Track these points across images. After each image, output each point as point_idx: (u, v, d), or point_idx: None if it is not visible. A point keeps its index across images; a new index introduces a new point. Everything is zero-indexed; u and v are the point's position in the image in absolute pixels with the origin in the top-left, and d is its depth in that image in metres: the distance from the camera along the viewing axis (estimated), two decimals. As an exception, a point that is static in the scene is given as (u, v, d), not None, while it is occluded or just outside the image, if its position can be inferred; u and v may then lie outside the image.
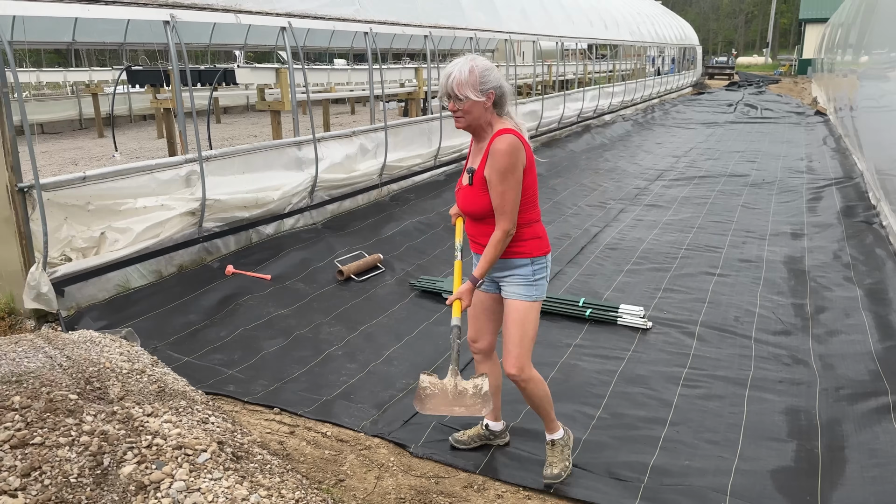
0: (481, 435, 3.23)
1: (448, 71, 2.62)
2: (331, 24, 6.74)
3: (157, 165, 5.03)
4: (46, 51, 21.20)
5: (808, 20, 41.02)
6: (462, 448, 3.21)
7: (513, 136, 2.62)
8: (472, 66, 2.60)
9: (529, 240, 2.76)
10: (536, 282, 2.79)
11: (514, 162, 2.61)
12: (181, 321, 4.57)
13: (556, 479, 2.93)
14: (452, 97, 2.62)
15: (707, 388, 3.77)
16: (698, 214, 7.60)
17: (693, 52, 32.44)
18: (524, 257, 2.76)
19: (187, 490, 1.74)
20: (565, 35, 13.80)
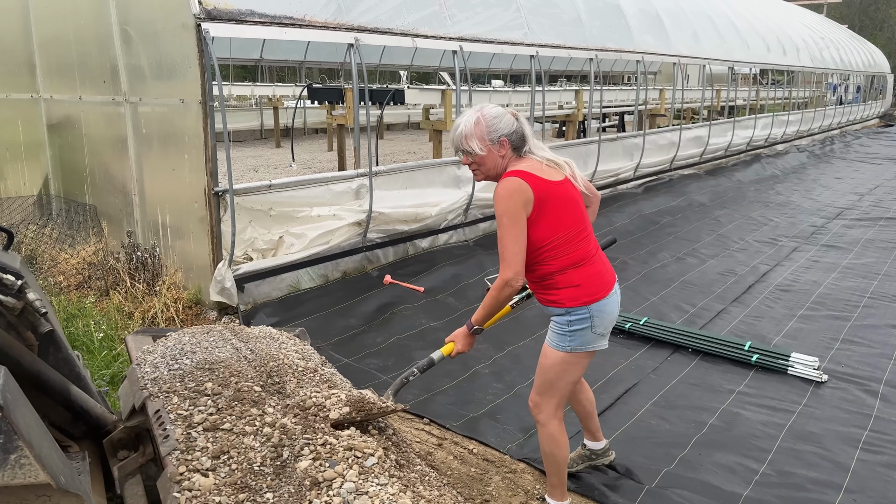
0: (583, 455, 3.17)
1: (455, 125, 2.57)
2: (499, 47, 6.88)
3: (332, 178, 5.39)
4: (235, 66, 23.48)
5: None
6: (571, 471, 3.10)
7: (515, 179, 2.47)
8: (479, 116, 2.53)
9: (564, 289, 2.58)
10: (573, 333, 2.61)
11: (511, 206, 2.45)
12: (342, 324, 4.84)
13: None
14: (462, 151, 2.58)
15: (892, 456, 3.37)
16: (885, 259, 6.85)
17: (882, 80, 29.44)
18: (558, 306, 2.61)
19: (357, 492, 1.82)
20: (738, 59, 13.08)
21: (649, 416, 3.77)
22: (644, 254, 6.96)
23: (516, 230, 2.46)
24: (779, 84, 18.67)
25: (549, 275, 2.58)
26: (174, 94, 4.85)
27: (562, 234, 2.55)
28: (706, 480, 3.14)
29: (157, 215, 5.31)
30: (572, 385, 2.75)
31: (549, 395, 2.70)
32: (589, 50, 8.32)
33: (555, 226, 2.53)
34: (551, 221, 2.52)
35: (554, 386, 2.68)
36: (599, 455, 3.20)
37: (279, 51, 17.24)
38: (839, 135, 20.90)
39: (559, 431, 2.73)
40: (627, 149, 9.93)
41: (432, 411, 3.75)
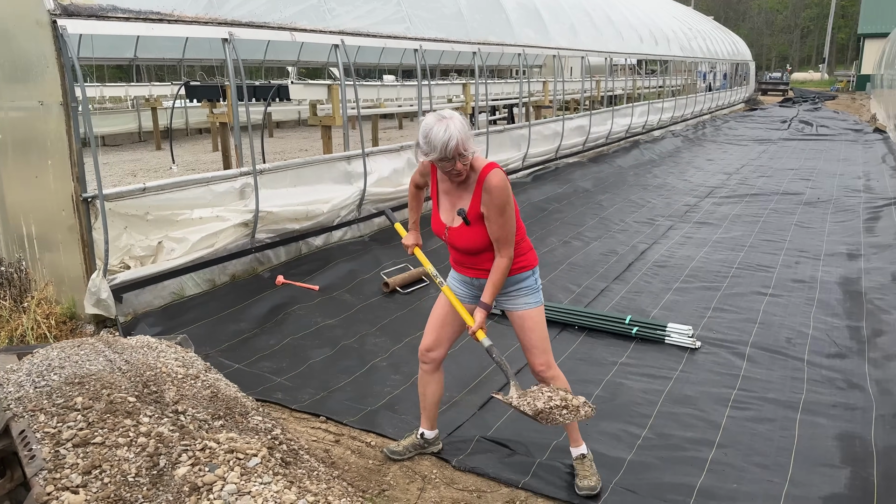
0: (416, 444, 3.28)
1: (446, 137, 2.58)
2: (382, 41, 6.88)
3: (212, 178, 5.21)
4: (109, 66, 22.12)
5: (867, 35, 39.85)
6: (398, 458, 3.22)
7: (500, 171, 2.75)
8: (458, 119, 2.63)
9: (527, 252, 2.94)
10: (538, 287, 2.99)
11: (509, 193, 2.74)
12: (233, 329, 4.70)
13: (594, 491, 2.94)
14: (458, 157, 2.63)
15: (757, 411, 3.68)
16: (750, 233, 7.44)
17: (746, 67, 31.81)
18: (527, 269, 2.93)
19: (238, 493, 1.79)
20: (614, 51, 13.72)
21: (541, 394, 3.91)
22: (534, 240, 7.16)
23: (513, 214, 2.77)
24: (654, 73, 19.77)
25: (517, 244, 2.86)
26: (32, 97, 4.52)
27: (517, 210, 2.87)
28: (593, 448, 3.30)
29: (22, 227, 4.94)
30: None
31: (549, 348, 2.98)
32: (471, 44, 8.47)
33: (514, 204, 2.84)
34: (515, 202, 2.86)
35: (547, 337, 2.98)
36: (431, 443, 3.31)
37: (155, 48, 16.41)
38: (710, 119, 22.40)
39: (562, 374, 3.03)
40: (515, 140, 10.20)
41: (329, 409, 3.73)
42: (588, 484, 2.96)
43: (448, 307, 3.06)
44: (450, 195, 2.87)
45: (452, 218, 2.86)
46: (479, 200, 2.74)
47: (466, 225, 2.80)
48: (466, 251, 2.89)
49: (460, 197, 2.82)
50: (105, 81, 19.83)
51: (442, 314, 3.09)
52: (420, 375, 3.22)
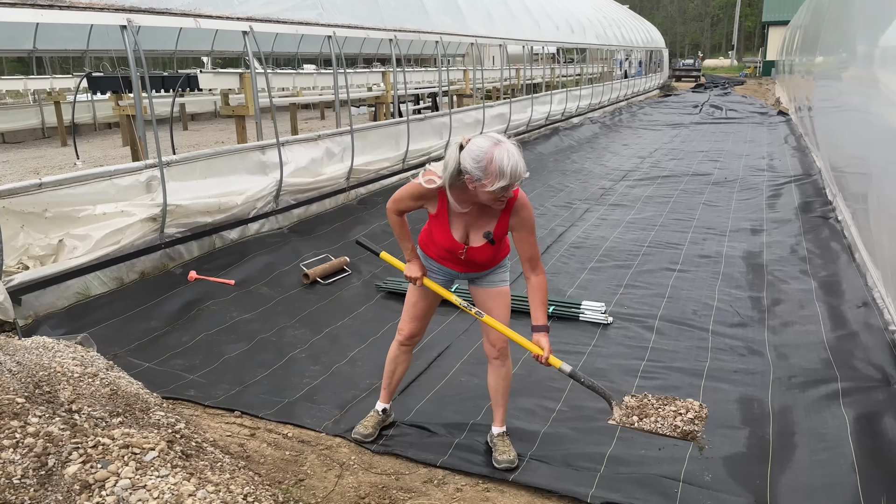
0: (379, 420, 3.33)
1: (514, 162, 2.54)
2: (293, 28, 6.74)
3: (115, 171, 4.99)
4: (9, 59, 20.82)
5: (770, 23, 41.96)
6: (368, 441, 3.27)
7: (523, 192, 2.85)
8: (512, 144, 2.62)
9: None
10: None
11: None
12: (143, 328, 4.53)
13: (512, 464, 3.03)
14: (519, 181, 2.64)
15: (664, 380, 3.84)
16: (661, 213, 7.73)
17: (660, 55, 32.94)
18: (506, 253, 3.07)
19: (133, 487, 1.74)
20: (532, 39, 13.94)
21: (460, 375, 3.97)
22: (455, 226, 7.25)
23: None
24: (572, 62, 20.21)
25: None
26: None
27: None
28: (509, 424, 3.36)
29: None
30: None
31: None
32: (387, 31, 8.42)
33: None
34: None
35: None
36: (390, 415, 3.40)
37: (57, 39, 15.53)
38: (626, 106, 23.10)
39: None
40: (436, 128, 10.22)
41: (244, 403, 3.65)
42: (507, 458, 3.04)
43: (431, 298, 3.13)
44: (464, 216, 2.87)
45: (467, 236, 2.90)
46: (506, 222, 2.84)
47: (491, 244, 2.89)
48: (480, 265, 2.99)
49: (479, 218, 2.86)
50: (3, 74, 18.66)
51: (425, 305, 3.16)
52: (395, 356, 3.27)
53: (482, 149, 2.55)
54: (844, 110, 7.06)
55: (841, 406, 3.46)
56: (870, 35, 5.62)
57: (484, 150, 2.55)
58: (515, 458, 3.05)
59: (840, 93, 7.50)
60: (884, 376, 3.70)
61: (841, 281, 5.30)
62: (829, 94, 8.56)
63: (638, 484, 2.90)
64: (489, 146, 2.55)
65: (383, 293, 5.33)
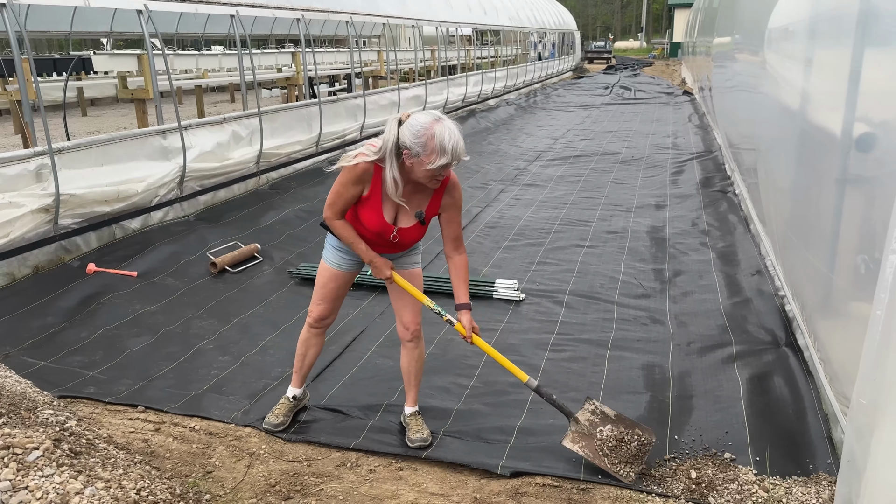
0: (290, 407, 3.28)
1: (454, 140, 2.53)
2: (193, 6, 6.47)
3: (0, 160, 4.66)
4: None
5: (676, 5, 43.49)
6: (280, 430, 3.20)
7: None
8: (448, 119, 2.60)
9: None
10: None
11: None
12: (37, 324, 4.28)
13: (426, 442, 3.05)
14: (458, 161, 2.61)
15: (573, 352, 3.97)
16: (572, 191, 7.94)
17: (572, 37, 33.64)
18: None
19: (13, 489, 1.65)
20: (445, 20, 13.92)
21: (375, 357, 3.96)
22: (371, 209, 7.20)
23: None
24: (487, 44, 20.34)
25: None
26: None
27: None
28: (425, 403, 3.40)
29: None
30: None
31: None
32: (294, 10, 8.20)
33: None
34: None
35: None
36: (301, 400, 3.34)
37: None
38: (541, 88, 23.50)
39: None
40: (350, 110, 10.08)
41: (148, 398, 3.51)
42: (420, 436, 3.06)
43: (347, 277, 3.09)
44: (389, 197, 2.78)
45: (396, 217, 2.83)
46: (439, 202, 2.82)
47: (422, 225, 2.85)
48: (405, 245, 2.94)
49: (418, 199, 2.79)
50: None
51: (335, 287, 3.09)
52: (306, 339, 3.20)
53: (422, 124, 2.53)
54: (738, 90, 7.44)
55: (735, 368, 3.68)
56: (758, 17, 5.93)
57: (425, 126, 2.53)
58: (429, 437, 3.07)
59: (734, 73, 7.89)
60: (774, 339, 3.96)
61: (737, 251, 5.61)
62: (725, 75, 8.99)
63: (546, 452, 2.99)
64: (430, 122, 2.54)
65: (297, 279, 5.24)
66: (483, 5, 17.22)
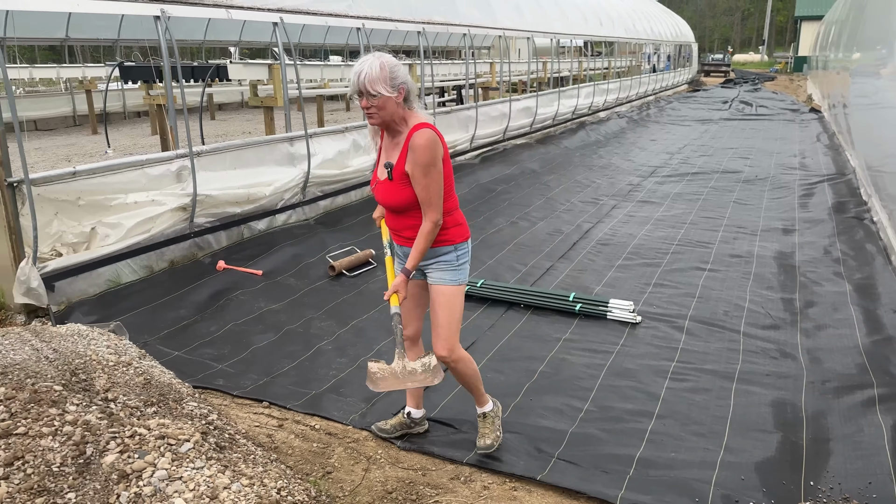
0: (403, 423, 3.29)
1: (358, 69, 2.61)
2: (323, 19, 6.74)
3: (147, 161, 5.03)
4: (41, 47, 21.12)
5: (803, 17, 41.10)
6: (385, 437, 3.26)
7: (430, 131, 2.69)
8: (382, 62, 2.62)
9: (451, 227, 2.87)
10: (460, 266, 2.91)
11: (435, 155, 2.69)
12: (172, 316, 4.58)
13: (490, 449, 3.06)
14: (365, 94, 2.62)
15: (695, 382, 3.79)
16: (690, 210, 7.63)
17: (689, 49, 32.48)
18: (448, 244, 2.87)
19: (169, 478, 1.75)
20: (560, 31, 13.80)
21: (486, 371, 3.95)
22: (482, 220, 7.22)
23: (439, 177, 2.72)
24: (600, 55, 19.99)
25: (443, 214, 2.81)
26: (-52, 76, 4.27)
27: (450, 181, 2.84)
28: (536, 423, 3.36)
29: (-58, 214, 4.68)
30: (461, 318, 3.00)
31: (455, 331, 2.91)
32: (416, 23, 8.38)
33: (448, 175, 2.81)
34: (447, 170, 2.80)
35: (458, 320, 2.92)
36: (418, 423, 3.31)
37: (89, 28, 15.74)
38: (654, 100, 22.82)
39: (467, 354, 3.02)
40: (462, 121, 10.18)
41: (272, 394, 3.67)
42: (485, 443, 3.07)
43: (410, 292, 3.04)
44: (386, 151, 2.85)
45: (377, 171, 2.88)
46: (405, 158, 2.73)
47: (390, 180, 2.77)
48: (390, 208, 2.85)
49: (391, 152, 2.81)
50: (35, 63, 18.93)
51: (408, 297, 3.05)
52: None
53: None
54: (883, 107, 6.88)
55: (878, 413, 3.39)
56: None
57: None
58: (494, 443, 3.08)
59: (878, 89, 7.32)
60: (922, 384, 3.61)
61: (876, 284, 5.18)
62: (866, 91, 8.36)
63: (668, 487, 2.86)
64: (366, 55, 2.67)
65: (409, 287, 5.32)
66: (599, 16, 16.94)
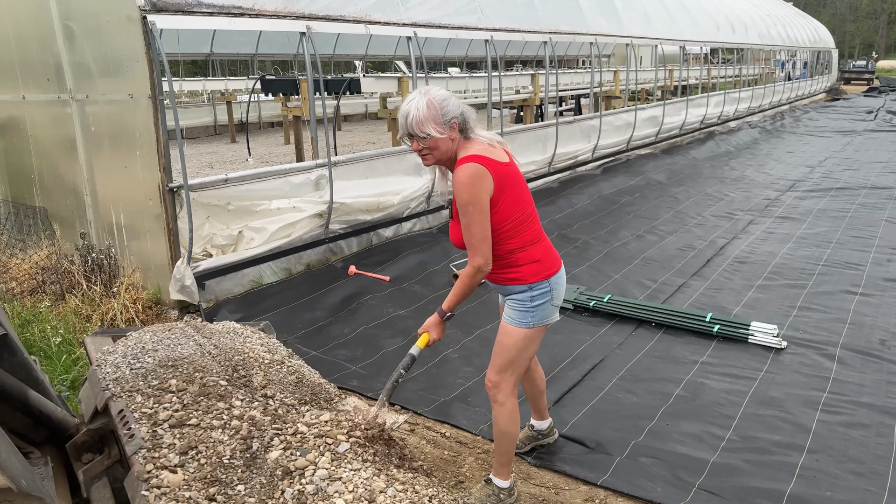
0: (531, 436, 3.22)
1: (405, 111, 2.49)
2: (454, 32, 6.86)
3: (290, 170, 5.32)
4: (185, 62, 22.95)
5: (964, 18, 37.22)
6: (517, 452, 3.13)
7: (473, 164, 2.45)
8: (429, 99, 2.47)
9: (525, 265, 2.61)
10: (535, 308, 2.64)
11: (475, 192, 2.44)
12: (308, 317, 4.79)
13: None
14: (414, 137, 2.50)
15: (850, 416, 3.49)
16: (836, 228, 7.07)
17: (828, 55, 30.28)
18: (521, 283, 2.63)
19: (329, 478, 1.81)
20: (689, 39, 13.29)
21: (616, 391, 3.83)
22: (605, 233, 7.05)
23: (481, 217, 2.47)
24: (729, 62, 19.04)
25: (509, 253, 2.60)
26: (122, 90, 4.71)
27: (518, 214, 2.58)
28: (674, 449, 3.21)
29: (111, 215, 5.17)
30: (529, 361, 2.81)
31: (510, 373, 2.73)
32: (542, 33, 8.35)
33: (512, 206, 2.56)
34: (509, 203, 2.54)
35: (514, 364, 2.71)
36: (545, 435, 3.25)
37: (229, 44, 16.92)
38: (789, 110, 21.44)
39: (516, 409, 2.78)
40: (585, 131, 10.02)
41: (404, 398, 3.75)
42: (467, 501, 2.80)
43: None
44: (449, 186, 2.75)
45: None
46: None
47: (451, 218, 2.68)
48: (456, 246, 2.73)
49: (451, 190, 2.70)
50: (182, 76, 20.57)
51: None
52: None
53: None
54: None
55: None
56: None
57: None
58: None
59: None
60: None
61: None
62: None
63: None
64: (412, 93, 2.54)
65: (534, 299, 5.27)
66: (731, 22, 16.16)
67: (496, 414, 2.77)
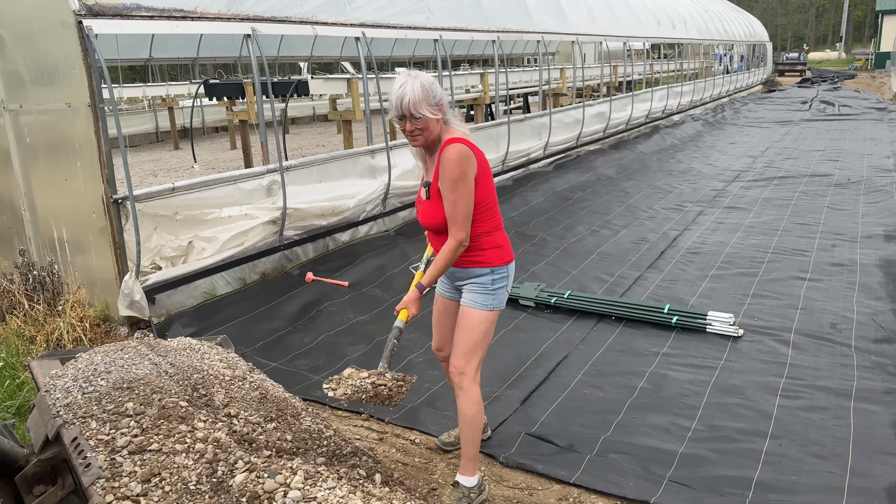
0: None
1: (399, 92, 2.53)
2: (403, 32, 6.79)
3: (241, 176, 5.17)
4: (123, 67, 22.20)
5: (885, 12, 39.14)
6: (451, 449, 3.20)
7: (462, 145, 2.58)
8: (422, 82, 2.55)
9: (489, 249, 2.71)
10: (495, 291, 2.74)
11: (465, 170, 2.56)
12: (266, 327, 4.66)
13: None
14: (408, 118, 2.55)
15: (808, 400, 3.58)
16: (782, 216, 7.29)
17: (763, 48, 31.34)
18: (484, 266, 2.71)
19: (304, 499, 1.74)
20: (632, 35, 13.53)
21: (582, 386, 3.85)
22: (561, 229, 7.10)
23: (468, 194, 2.58)
24: (670, 57, 19.48)
25: (477, 236, 2.68)
26: (59, 99, 4.49)
27: (490, 200, 2.70)
28: (643, 442, 3.24)
29: (53, 230, 4.93)
30: (487, 348, 2.84)
31: (474, 357, 2.76)
32: (491, 32, 8.35)
33: (486, 192, 2.68)
34: (484, 188, 2.67)
35: (478, 347, 2.77)
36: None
37: (169, 48, 16.39)
38: (728, 102, 22.09)
39: (479, 396, 2.81)
40: (535, 128, 10.08)
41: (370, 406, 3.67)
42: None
43: (445, 304, 2.99)
44: (427, 169, 2.78)
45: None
46: (437, 173, 2.64)
47: (428, 199, 2.70)
48: (429, 228, 2.77)
49: (430, 170, 2.74)
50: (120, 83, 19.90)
51: (440, 310, 3.02)
52: (445, 373, 3.18)
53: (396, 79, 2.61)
54: None
55: None
56: None
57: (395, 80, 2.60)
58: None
59: None
60: None
61: None
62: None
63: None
64: (402, 77, 2.58)
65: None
66: (671, 18, 16.53)
67: (461, 402, 2.79)
